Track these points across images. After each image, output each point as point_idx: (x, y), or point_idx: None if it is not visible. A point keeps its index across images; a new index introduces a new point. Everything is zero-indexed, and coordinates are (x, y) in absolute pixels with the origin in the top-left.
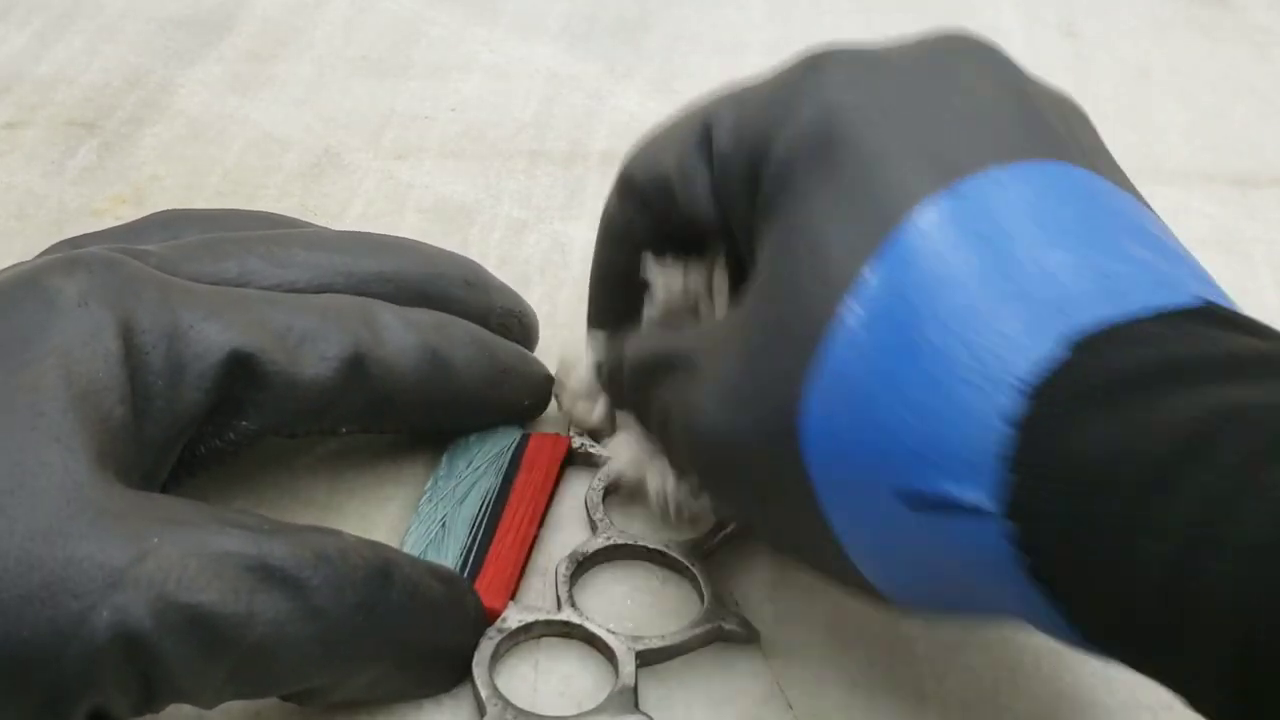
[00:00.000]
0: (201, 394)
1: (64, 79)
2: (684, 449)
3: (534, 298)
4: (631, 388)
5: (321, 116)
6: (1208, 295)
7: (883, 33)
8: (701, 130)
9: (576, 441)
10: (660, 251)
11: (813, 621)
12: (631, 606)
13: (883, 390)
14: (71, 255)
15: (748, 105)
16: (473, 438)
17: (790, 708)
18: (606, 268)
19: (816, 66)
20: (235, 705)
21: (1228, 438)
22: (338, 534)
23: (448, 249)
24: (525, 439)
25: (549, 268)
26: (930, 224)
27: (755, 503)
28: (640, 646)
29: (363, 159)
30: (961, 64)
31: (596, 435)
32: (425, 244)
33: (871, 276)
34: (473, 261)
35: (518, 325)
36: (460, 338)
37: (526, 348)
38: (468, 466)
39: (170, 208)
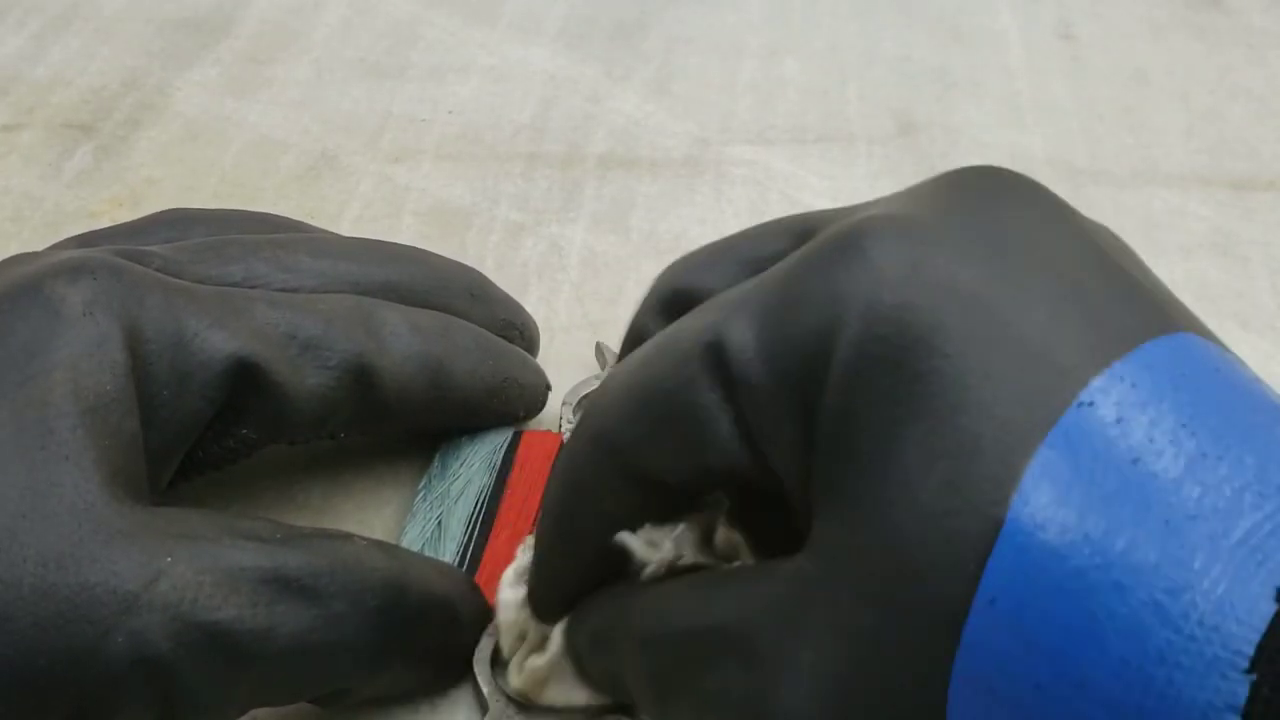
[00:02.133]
0: (205, 402)
1: (61, 81)
2: None
3: (531, 301)
4: (650, 674)
5: (319, 119)
6: None
7: (878, 35)
8: (707, 357)
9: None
10: (642, 518)
11: None
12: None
13: (1053, 679)
14: (75, 261)
15: (769, 311)
16: (465, 437)
17: None
18: (572, 535)
19: (853, 252)
20: None
21: None
22: (349, 538)
23: (448, 255)
24: (518, 437)
25: (546, 270)
26: (1059, 468)
27: None
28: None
29: (360, 161)
30: (1020, 224)
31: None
32: (430, 253)
33: (1004, 544)
34: (477, 272)
35: (519, 338)
36: (464, 344)
37: None
38: (461, 465)
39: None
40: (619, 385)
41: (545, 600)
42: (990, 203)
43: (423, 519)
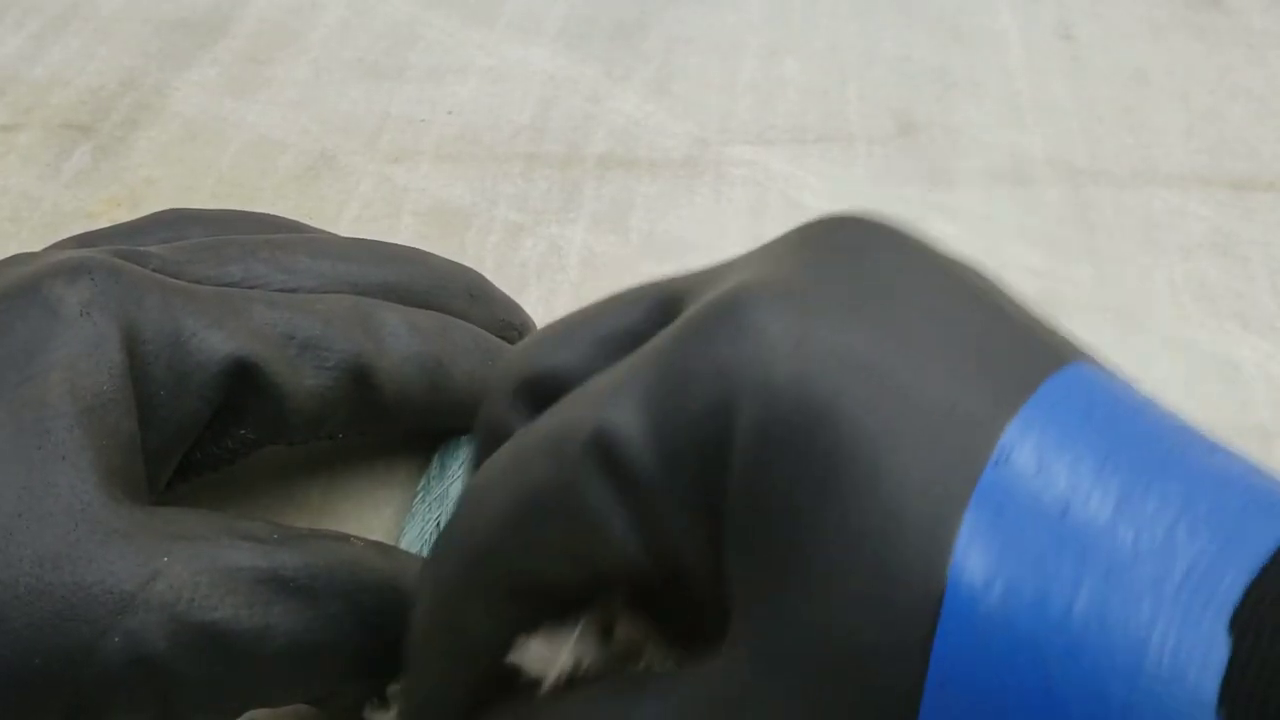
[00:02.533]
0: (203, 403)
1: (59, 81)
2: None
3: (531, 301)
4: None
5: (317, 119)
6: None
7: (877, 35)
8: (594, 452)
9: None
10: (529, 628)
11: None
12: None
13: None
14: (73, 261)
15: (656, 399)
16: (464, 438)
17: None
18: (449, 672)
19: (734, 324)
20: None
21: None
22: (346, 539)
23: (447, 256)
24: None
25: (545, 271)
26: (984, 542)
27: None
28: None
29: (359, 162)
30: (886, 269)
31: None
32: (429, 254)
33: (942, 637)
34: (476, 273)
35: (518, 338)
36: (463, 344)
37: None
38: (460, 467)
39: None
40: (491, 494)
41: (418, 700)
42: (858, 258)
43: (421, 520)
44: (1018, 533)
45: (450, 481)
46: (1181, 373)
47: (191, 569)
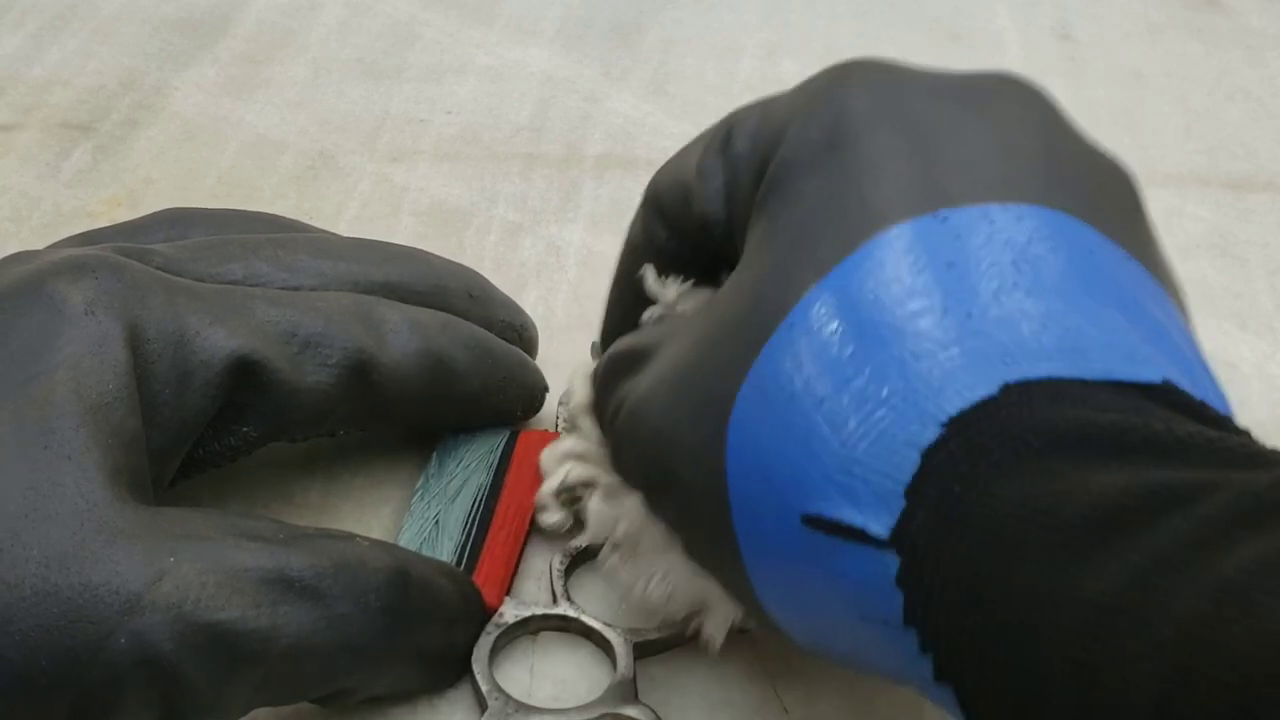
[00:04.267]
0: (207, 401)
1: (58, 81)
2: (625, 442)
3: (529, 301)
4: (600, 387)
5: (317, 119)
6: (1174, 377)
7: (876, 35)
8: (724, 134)
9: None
10: (676, 270)
11: None
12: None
13: (808, 403)
14: (76, 259)
15: (770, 109)
16: (462, 436)
17: (786, 711)
18: (622, 282)
19: (843, 73)
20: None
21: (1160, 519)
22: (351, 538)
23: (446, 255)
24: (515, 436)
25: (544, 271)
26: (900, 243)
27: (680, 509)
28: (637, 639)
29: (358, 162)
30: (999, 101)
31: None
32: (429, 253)
33: (826, 283)
34: (476, 273)
35: (518, 339)
36: (464, 341)
37: None
38: (459, 465)
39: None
40: (679, 151)
41: (603, 330)
42: (984, 84)
43: (420, 518)
44: (923, 252)
45: (449, 480)
46: None
47: (198, 569)
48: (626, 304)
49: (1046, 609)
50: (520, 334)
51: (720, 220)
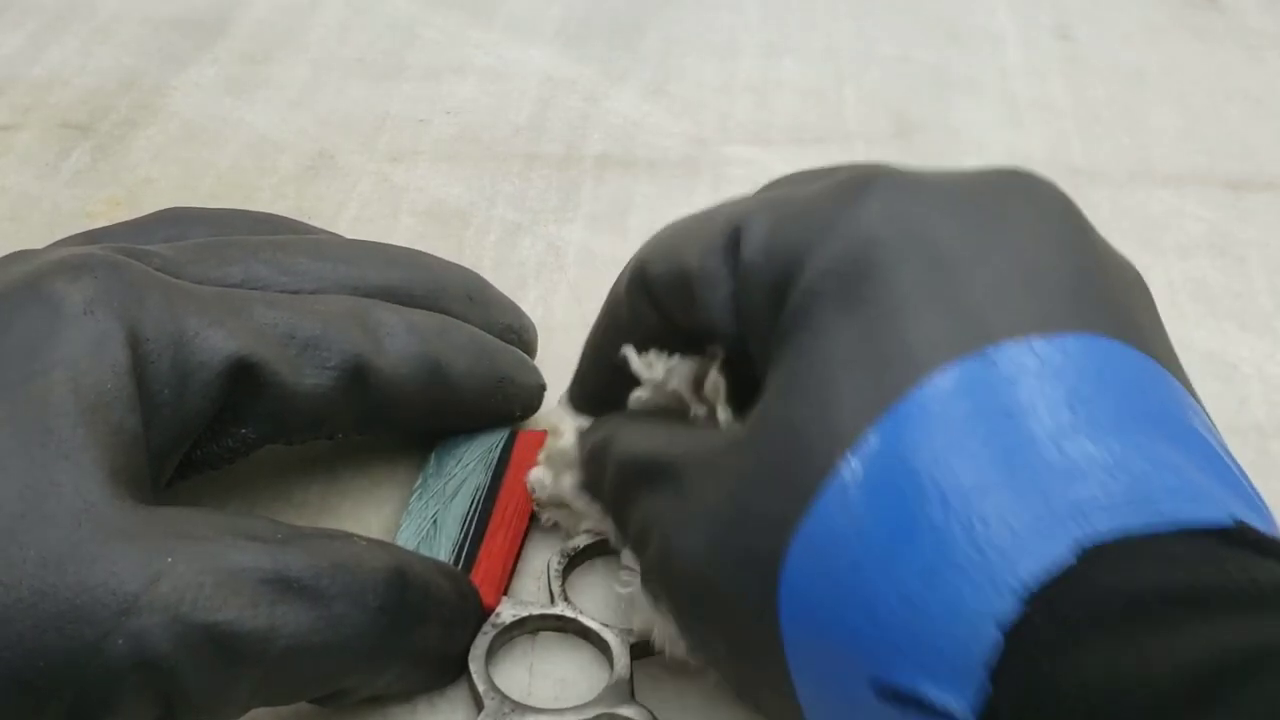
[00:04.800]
0: (206, 401)
1: (58, 81)
2: (659, 571)
3: (529, 301)
4: (614, 487)
5: (316, 119)
6: (1243, 514)
7: (875, 36)
8: (730, 233)
9: None
10: (658, 346)
11: None
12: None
13: (870, 563)
14: (75, 259)
15: (784, 217)
16: (460, 436)
17: None
18: (601, 352)
19: (862, 188)
20: None
21: (1249, 683)
22: (350, 537)
23: (445, 255)
24: (513, 436)
25: (544, 271)
26: (949, 389)
27: (723, 645)
28: (634, 639)
29: (358, 161)
30: (1020, 210)
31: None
32: (429, 255)
33: (875, 436)
34: (476, 275)
35: (517, 341)
36: (462, 344)
37: None
38: (457, 464)
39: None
40: (669, 230)
41: (573, 393)
42: (1001, 191)
43: (418, 517)
44: (967, 405)
45: (447, 479)
46: None
47: (195, 569)
48: (603, 375)
49: None
50: (520, 336)
51: (730, 333)
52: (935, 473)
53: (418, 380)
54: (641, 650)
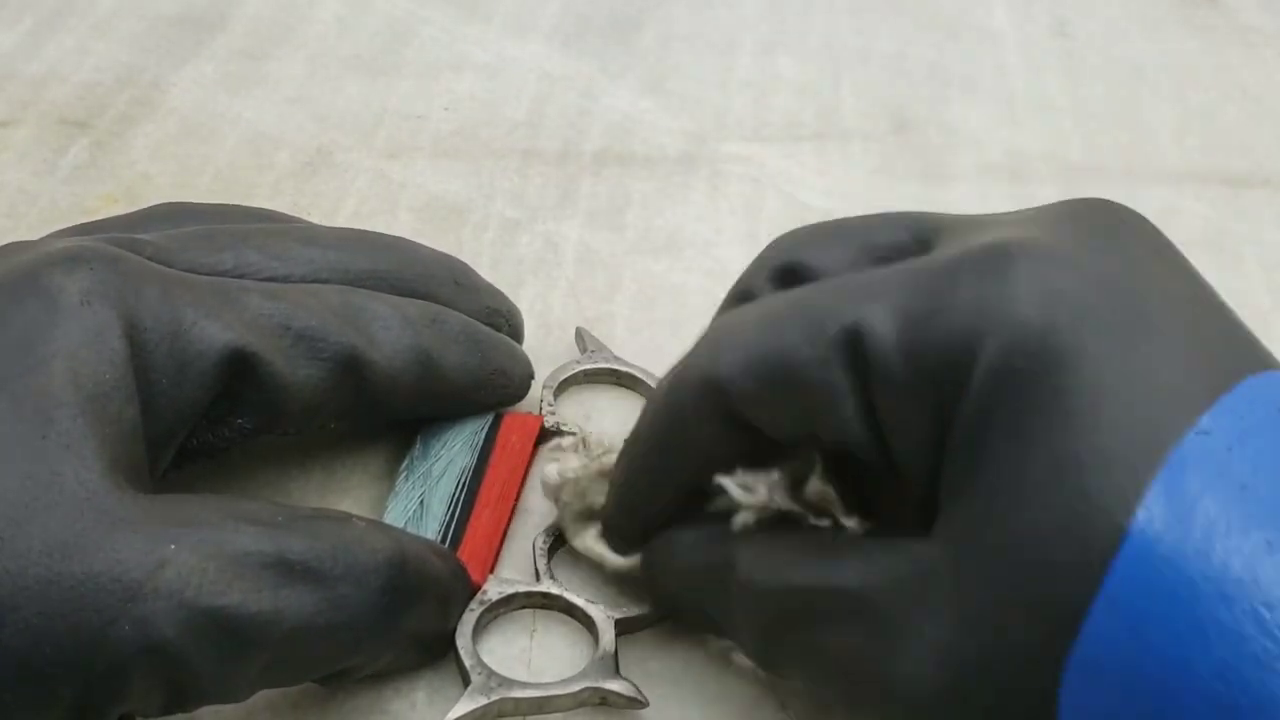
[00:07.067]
0: (202, 391)
1: (56, 77)
2: (883, 709)
3: (527, 297)
4: (770, 620)
5: (314, 115)
6: None
7: (873, 32)
8: (845, 340)
9: (549, 420)
10: (744, 463)
11: None
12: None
13: (1164, 676)
14: (71, 250)
15: (915, 315)
16: (446, 421)
17: (784, 707)
18: (664, 479)
19: (1000, 270)
20: None
21: None
22: (349, 519)
23: (439, 249)
24: (499, 418)
25: (542, 267)
26: (1185, 477)
27: None
28: (619, 615)
29: (355, 158)
30: (1134, 250)
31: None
32: (415, 243)
33: (1132, 543)
34: (461, 262)
35: (505, 326)
36: (452, 334)
37: None
38: (443, 447)
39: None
40: (738, 338)
41: (623, 529)
42: (1112, 235)
43: (405, 498)
44: (1200, 494)
45: (433, 462)
46: None
47: (199, 555)
48: (667, 504)
49: None
50: (508, 320)
51: (864, 443)
52: (1202, 572)
53: (410, 372)
54: (626, 626)
